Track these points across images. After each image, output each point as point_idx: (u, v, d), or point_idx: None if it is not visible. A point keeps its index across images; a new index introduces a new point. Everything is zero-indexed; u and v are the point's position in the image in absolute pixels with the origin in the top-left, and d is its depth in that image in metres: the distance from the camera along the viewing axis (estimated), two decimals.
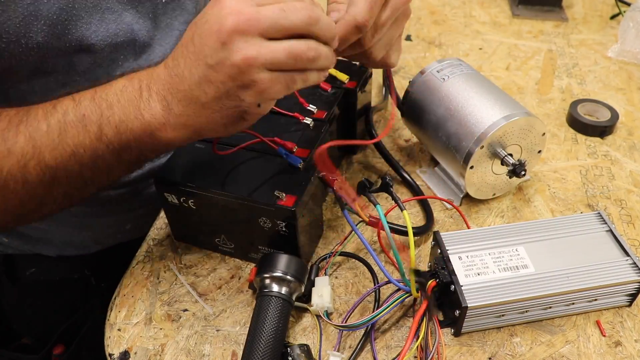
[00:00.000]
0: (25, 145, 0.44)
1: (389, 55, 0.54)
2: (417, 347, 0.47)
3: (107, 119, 0.44)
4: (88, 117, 0.44)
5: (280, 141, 0.56)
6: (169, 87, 0.43)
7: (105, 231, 0.76)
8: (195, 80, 0.41)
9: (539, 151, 0.63)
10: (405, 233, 0.59)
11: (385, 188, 0.49)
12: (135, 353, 0.51)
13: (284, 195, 0.51)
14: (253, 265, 0.57)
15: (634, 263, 0.50)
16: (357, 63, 0.70)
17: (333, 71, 0.66)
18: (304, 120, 0.60)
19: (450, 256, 0.51)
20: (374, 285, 0.55)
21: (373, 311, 0.52)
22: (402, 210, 0.47)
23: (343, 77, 0.66)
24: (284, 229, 0.52)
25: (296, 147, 0.56)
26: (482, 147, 0.58)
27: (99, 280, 0.78)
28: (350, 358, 0.49)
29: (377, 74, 0.81)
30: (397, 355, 0.46)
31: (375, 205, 0.48)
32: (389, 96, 0.80)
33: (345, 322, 0.52)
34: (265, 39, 0.39)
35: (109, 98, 0.45)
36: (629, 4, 1.04)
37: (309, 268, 0.54)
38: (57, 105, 0.45)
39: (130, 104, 0.44)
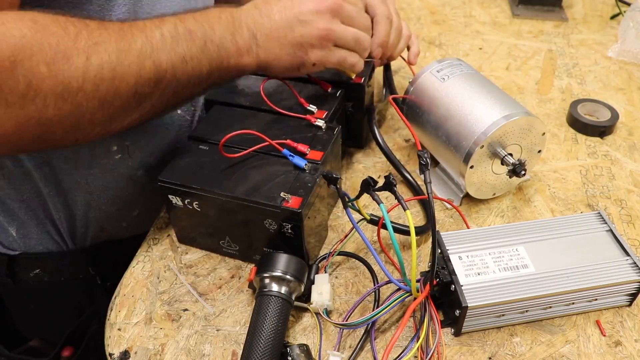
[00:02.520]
0: (143, 45, 0.48)
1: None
2: (418, 347, 0.47)
3: (210, 37, 0.52)
4: (194, 32, 0.51)
5: (293, 144, 0.56)
6: (258, 23, 0.55)
7: (114, 215, 0.74)
8: (282, 25, 0.55)
9: (539, 151, 0.63)
10: (405, 232, 0.59)
11: (389, 187, 0.49)
12: (136, 353, 0.51)
13: (290, 196, 0.51)
14: (253, 265, 0.57)
15: (634, 263, 0.50)
16: None
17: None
18: (316, 123, 0.59)
19: (450, 256, 0.51)
20: (374, 285, 0.55)
21: (373, 310, 0.51)
22: (405, 209, 0.47)
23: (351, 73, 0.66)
24: (289, 231, 0.52)
25: (309, 149, 0.56)
26: (482, 146, 0.58)
27: (103, 279, 0.77)
28: (350, 358, 0.49)
29: (377, 74, 0.81)
30: (388, 343, 0.45)
31: (379, 204, 0.48)
32: (389, 96, 0.79)
33: (346, 322, 0.51)
34: (342, 23, 0.57)
35: (210, 20, 0.53)
36: (629, 4, 1.04)
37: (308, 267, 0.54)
38: (164, 20, 0.51)
39: (226, 29, 0.53)
